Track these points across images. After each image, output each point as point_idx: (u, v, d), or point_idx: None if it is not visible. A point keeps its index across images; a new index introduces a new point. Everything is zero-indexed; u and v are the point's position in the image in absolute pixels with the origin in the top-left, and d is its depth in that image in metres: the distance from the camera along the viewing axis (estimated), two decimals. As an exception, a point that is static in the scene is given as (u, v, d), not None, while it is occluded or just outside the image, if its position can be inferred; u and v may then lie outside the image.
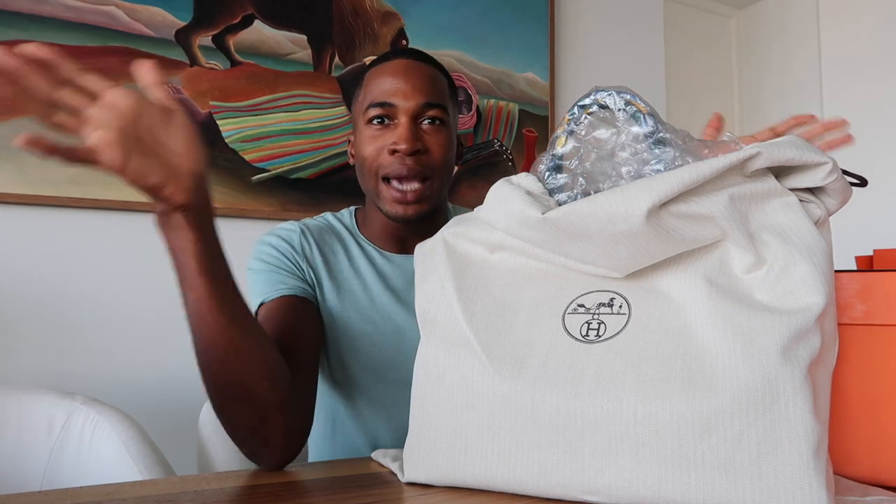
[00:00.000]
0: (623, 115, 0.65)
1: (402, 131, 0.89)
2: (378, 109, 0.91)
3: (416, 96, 0.91)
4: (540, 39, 2.37)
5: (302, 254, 0.95)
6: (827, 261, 0.55)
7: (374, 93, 0.92)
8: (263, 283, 0.91)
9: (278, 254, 0.94)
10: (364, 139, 0.93)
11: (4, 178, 1.58)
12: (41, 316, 1.62)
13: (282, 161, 1.89)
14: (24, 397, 1.05)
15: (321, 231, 0.99)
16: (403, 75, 0.91)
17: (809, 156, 0.57)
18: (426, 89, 0.91)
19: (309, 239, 0.97)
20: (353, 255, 1.00)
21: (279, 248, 0.95)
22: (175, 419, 1.63)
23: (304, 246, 0.96)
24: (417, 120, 0.92)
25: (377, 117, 0.92)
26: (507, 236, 0.64)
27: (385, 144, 0.91)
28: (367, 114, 0.92)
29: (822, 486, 0.49)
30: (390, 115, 0.91)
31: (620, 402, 0.54)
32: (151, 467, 0.93)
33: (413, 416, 0.66)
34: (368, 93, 0.93)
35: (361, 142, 0.94)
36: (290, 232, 0.97)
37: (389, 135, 0.91)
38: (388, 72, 0.92)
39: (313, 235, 0.98)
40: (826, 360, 0.56)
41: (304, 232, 0.97)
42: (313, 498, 0.62)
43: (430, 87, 0.92)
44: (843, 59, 2.73)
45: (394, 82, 0.91)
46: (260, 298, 0.90)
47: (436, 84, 0.93)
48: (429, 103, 0.91)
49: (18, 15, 1.61)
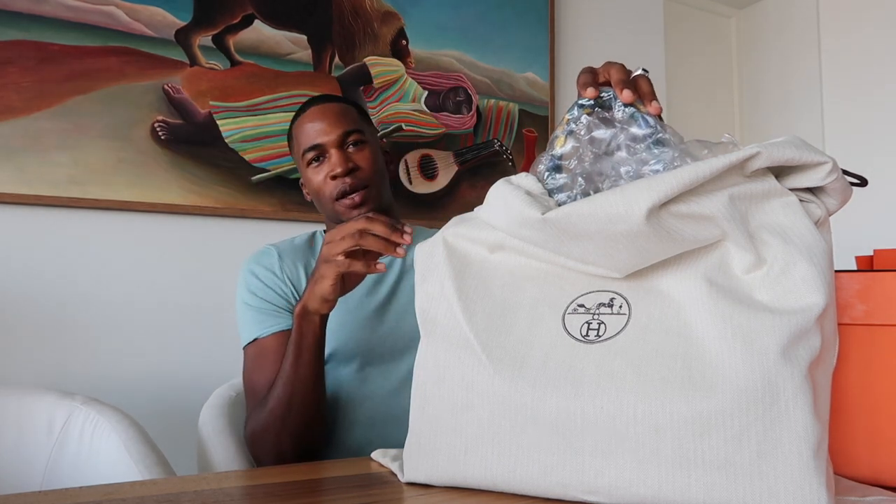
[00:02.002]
0: (622, 115, 0.65)
1: (335, 160, 1.08)
2: (311, 152, 1.10)
3: (335, 130, 1.09)
4: (540, 39, 2.37)
5: (283, 277, 1.09)
6: (827, 261, 0.55)
7: (302, 140, 1.11)
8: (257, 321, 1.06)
9: (265, 287, 1.07)
10: (310, 176, 1.12)
11: (4, 178, 1.58)
12: (41, 316, 1.62)
13: (282, 161, 1.89)
14: (24, 397, 1.05)
15: (294, 250, 1.14)
16: (320, 118, 1.10)
17: (809, 155, 0.57)
18: (340, 121, 1.10)
19: (286, 259, 1.11)
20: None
21: (265, 279, 1.08)
22: (175, 419, 1.63)
23: (283, 268, 1.10)
24: (343, 147, 1.10)
25: (313, 159, 1.11)
26: (507, 236, 0.64)
27: (326, 174, 1.09)
28: (305, 158, 1.11)
29: (822, 486, 0.49)
30: (322, 152, 1.10)
31: (620, 402, 0.54)
32: (151, 467, 0.93)
33: (413, 416, 0.66)
34: (299, 142, 1.12)
35: (309, 179, 1.12)
36: (269, 258, 1.11)
37: (326, 166, 1.10)
38: (308, 119, 1.11)
39: (289, 255, 1.12)
40: (826, 360, 0.56)
41: (281, 255, 1.11)
42: (313, 498, 0.62)
43: (344, 119, 1.11)
44: (843, 59, 2.73)
45: (313, 126, 1.10)
46: (255, 334, 1.05)
47: (347, 115, 1.12)
48: (347, 131, 1.10)
49: (18, 15, 1.61)
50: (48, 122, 1.62)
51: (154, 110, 1.74)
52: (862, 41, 2.67)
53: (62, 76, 1.65)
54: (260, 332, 1.04)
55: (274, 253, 1.11)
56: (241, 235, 1.85)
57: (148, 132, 1.73)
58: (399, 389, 1.05)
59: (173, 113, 1.76)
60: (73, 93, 1.65)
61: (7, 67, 1.59)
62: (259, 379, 1.01)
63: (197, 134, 1.79)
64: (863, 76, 2.67)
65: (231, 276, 1.82)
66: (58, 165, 1.63)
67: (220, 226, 1.83)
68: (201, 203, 1.78)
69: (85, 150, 1.66)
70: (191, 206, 1.77)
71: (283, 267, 1.09)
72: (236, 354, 1.18)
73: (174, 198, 1.75)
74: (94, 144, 1.67)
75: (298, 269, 1.10)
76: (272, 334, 1.03)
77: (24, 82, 1.61)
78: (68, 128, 1.64)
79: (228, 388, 1.16)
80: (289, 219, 1.91)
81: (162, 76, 1.76)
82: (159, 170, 1.74)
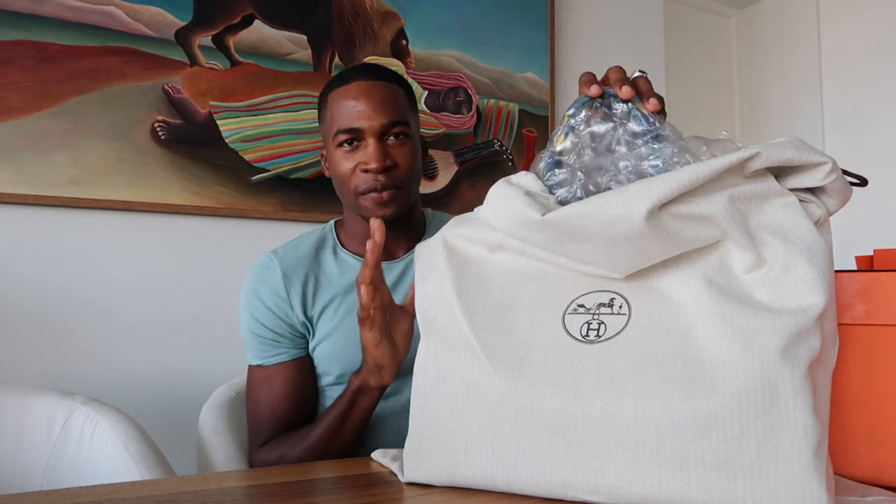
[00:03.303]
0: (621, 112, 0.65)
1: (372, 151, 0.96)
2: (346, 135, 0.97)
3: (380, 118, 0.96)
4: (540, 39, 2.36)
5: (289, 300, 1.01)
6: (827, 261, 0.55)
7: (340, 119, 0.98)
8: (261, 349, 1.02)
9: (270, 314, 1.01)
10: (337, 159, 0.99)
11: (4, 178, 1.58)
12: (41, 316, 1.62)
13: (282, 161, 1.89)
14: (24, 397, 1.05)
15: (299, 263, 1.04)
16: (365, 98, 0.97)
17: (809, 156, 0.57)
18: (388, 109, 0.97)
19: (291, 279, 1.02)
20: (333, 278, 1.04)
21: (270, 305, 1.01)
22: (175, 419, 1.63)
23: (289, 289, 1.01)
24: (383, 138, 0.97)
25: (346, 141, 0.98)
26: (507, 236, 0.64)
27: (357, 163, 0.98)
28: (337, 138, 0.98)
29: (822, 486, 0.49)
30: (358, 137, 0.97)
31: (620, 402, 0.54)
32: (151, 467, 0.93)
33: (413, 416, 0.66)
34: (335, 118, 0.99)
35: (334, 160, 1.00)
36: (273, 277, 1.02)
37: (360, 154, 0.97)
38: (351, 95, 0.97)
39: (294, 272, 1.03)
40: (826, 360, 0.56)
41: (286, 274, 1.02)
42: (313, 498, 0.62)
43: (392, 107, 0.98)
44: (843, 59, 2.72)
45: (356, 106, 0.96)
46: (259, 361, 1.02)
47: (396, 101, 0.99)
48: (392, 122, 0.97)
49: (18, 15, 1.61)
50: (48, 122, 1.62)
51: (154, 110, 1.74)
52: (862, 41, 2.67)
53: (62, 76, 1.65)
54: (264, 361, 1.01)
55: (278, 271, 1.02)
56: (241, 235, 1.85)
57: (148, 132, 1.73)
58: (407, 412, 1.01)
59: (173, 113, 1.76)
60: (73, 93, 1.65)
61: (7, 67, 1.59)
62: (263, 408, 1.00)
63: (197, 134, 1.79)
64: (863, 76, 2.66)
65: (231, 276, 1.83)
66: (58, 165, 1.63)
67: (220, 226, 1.83)
68: (201, 203, 1.78)
69: (85, 150, 1.66)
70: (191, 206, 1.77)
71: (288, 288, 1.01)
72: (236, 354, 1.18)
73: (174, 198, 1.75)
74: (94, 144, 1.67)
75: (307, 289, 1.02)
76: (277, 364, 1.01)
77: (24, 82, 1.61)
78: (68, 128, 1.64)
79: (228, 388, 1.16)
80: (289, 219, 1.90)
81: (162, 76, 1.76)
82: (159, 170, 1.74)
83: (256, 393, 1.02)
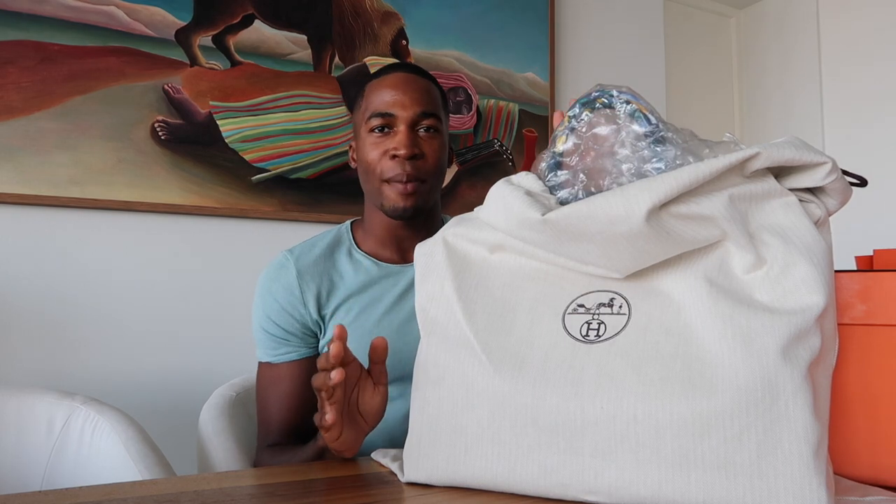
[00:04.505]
0: (623, 114, 0.65)
1: (402, 138, 0.98)
2: (379, 119, 1.00)
3: (414, 106, 0.99)
4: (540, 39, 2.37)
5: (303, 300, 1.00)
6: (827, 261, 0.55)
7: (376, 104, 1.01)
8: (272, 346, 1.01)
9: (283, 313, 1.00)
10: (366, 145, 1.01)
11: (4, 178, 1.58)
12: (41, 316, 1.62)
13: (282, 161, 1.89)
14: (24, 397, 1.05)
15: (315, 264, 1.03)
16: (402, 88, 1.00)
17: (809, 156, 0.57)
18: (422, 100, 1.00)
19: (305, 278, 1.02)
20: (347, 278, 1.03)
21: (284, 303, 1.00)
22: (175, 419, 1.63)
23: (303, 289, 1.01)
24: (414, 128, 1.00)
25: (378, 126, 1.00)
26: (507, 237, 0.64)
27: (386, 150, 0.99)
28: (370, 123, 1.00)
29: (822, 486, 0.49)
30: (390, 123, 1.00)
31: (620, 402, 0.54)
32: (151, 467, 0.93)
33: (413, 416, 0.66)
34: (370, 104, 1.02)
35: (364, 148, 1.02)
36: (287, 275, 1.02)
37: (390, 141, 1.00)
38: (388, 84, 1.01)
39: (309, 272, 1.02)
40: (826, 360, 0.56)
41: (301, 273, 1.02)
42: (313, 498, 0.62)
43: (426, 98, 1.01)
44: (843, 58, 2.72)
45: (393, 94, 1.00)
46: (269, 358, 1.02)
47: (430, 95, 1.02)
48: (424, 112, 1.00)
49: (18, 15, 1.61)
50: (48, 122, 1.62)
51: (154, 110, 1.74)
52: (862, 40, 2.67)
53: (62, 76, 1.65)
54: (274, 358, 1.01)
55: (293, 270, 1.02)
56: (241, 235, 1.85)
57: (148, 132, 1.73)
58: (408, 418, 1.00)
59: (173, 113, 1.76)
60: (73, 93, 1.65)
61: (7, 67, 1.59)
62: (271, 403, 1.00)
63: (197, 134, 1.79)
64: (863, 75, 2.66)
65: (231, 275, 1.83)
66: (58, 165, 1.63)
67: (220, 226, 1.83)
68: (201, 203, 1.78)
69: (85, 150, 1.66)
70: (191, 206, 1.77)
71: (302, 287, 1.01)
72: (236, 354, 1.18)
73: (174, 198, 1.75)
74: (94, 144, 1.67)
75: (321, 288, 1.01)
76: (286, 362, 1.01)
77: (24, 82, 1.61)
78: (68, 128, 1.64)
79: (228, 388, 1.16)
80: (289, 219, 1.90)
81: (162, 76, 1.76)
82: (159, 170, 1.74)
83: (266, 391, 1.02)
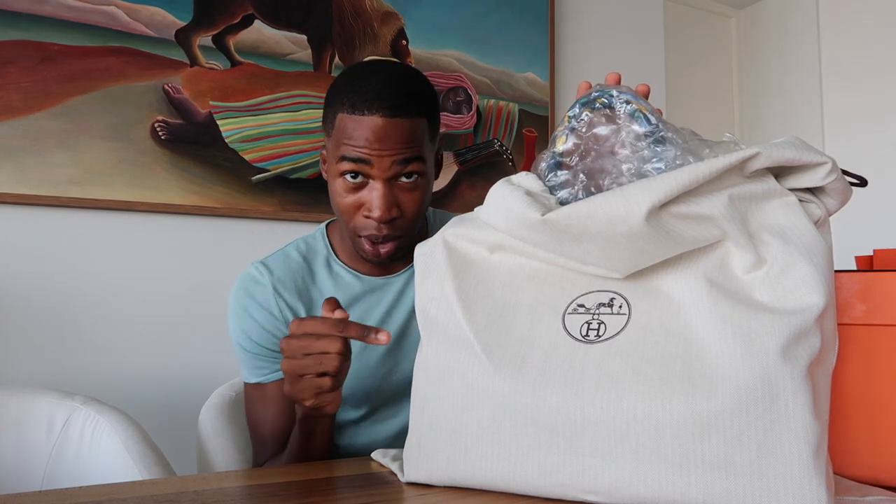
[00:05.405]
0: (624, 114, 0.65)
1: (377, 198, 0.86)
2: (351, 164, 0.85)
3: (393, 154, 0.85)
4: (540, 39, 2.37)
5: (281, 317, 0.95)
6: (827, 261, 0.55)
7: (346, 141, 0.85)
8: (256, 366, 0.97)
9: (261, 330, 0.95)
10: (337, 189, 0.89)
11: (4, 178, 1.58)
12: (41, 316, 1.62)
13: (282, 161, 1.89)
14: (24, 397, 1.05)
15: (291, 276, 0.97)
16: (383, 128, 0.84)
17: (809, 156, 0.57)
18: (403, 145, 0.85)
19: (283, 293, 0.95)
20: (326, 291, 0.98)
21: (260, 320, 0.95)
22: (175, 419, 1.63)
23: (280, 306, 0.95)
24: (393, 180, 0.87)
25: (350, 171, 0.86)
26: (507, 237, 0.64)
27: (360, 204, 0.88)
28: (340, 166, 0.87)
29: (822, 486, 0.49)
30: (364, 172, 0.86)
31: (620, 402, 0.54)
32: (151, 467, 0.93)
33: (413, 416, 0.66)
34: (342, 139, 0.86)
35: (334, 185, 0.89)
36: (263, 292, 0.95)
37: (364, 194, 0.87)
38: (365, 127, 0.84)
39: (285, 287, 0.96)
40: (826, 360, 0.56)
41: (277, 288, 0.95)
42: (313, 498, 0.62)
43: (408, 142, 0.85)
44: (843, 59, 2.72)
45: (368, 134, 0.84)
46: (255, 378, 0.97)
47: (414, 136, 0.86)
48: (406, 159, 0.86)
49: (18, 15, 1.61)
50: (48, 122, 1.62)
51: (154, 110, 1.74)
52: (862, 41, 2.67)
53: (62, 76, 1.65)
54: (261, 378, 0.96)
55: (268, 286, 0.95)
56: (241, 235, 1.85)
57: (148, 132, 1.73)
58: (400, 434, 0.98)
59: (173, 113, 1.76)
60: (73, 93, 1.65)
61: (7, 67, 1.59)
62: (264, 423, 0.97)
63: (197, 134, 1.79)
64: (863, 76, 2.67)
65: (231, 276, 1.82)
66: (58, 165, 1.63)
67: (220, 226, 1.83)
68: (201, 203, 1.78)
69: (85, 150, 1.66)
70: (191, 206, 1.77)
71: (280, 306, 0.94)
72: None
73: (174, 198, 1.75)
74: (94, 144, 1.67)
75: (297, 303, 0.96)
76: (273, 382, 0.96)
77: (24, 82, 1.61)
78: (68, 128, 1.64)
79: (228, 388, 1.16)
80: (289, 219, 1.91)
81: (162, 76, 1.76)
82: (159, 170, 1.74)
83: (257, 412, 0.98)
